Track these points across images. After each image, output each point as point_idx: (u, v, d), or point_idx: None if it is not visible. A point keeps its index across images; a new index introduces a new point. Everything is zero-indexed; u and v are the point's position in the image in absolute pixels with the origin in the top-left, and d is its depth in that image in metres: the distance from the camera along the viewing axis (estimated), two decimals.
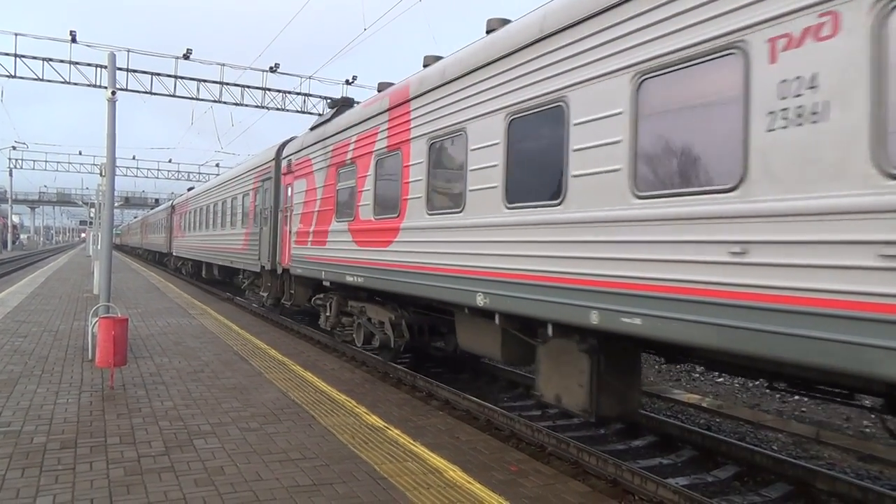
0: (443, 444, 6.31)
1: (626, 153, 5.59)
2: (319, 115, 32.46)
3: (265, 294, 17.78)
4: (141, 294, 21.46)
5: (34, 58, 28.13)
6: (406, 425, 6.93)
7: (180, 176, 73.56)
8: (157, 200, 77.03)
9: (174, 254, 36.33)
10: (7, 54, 27.62)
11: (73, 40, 27.05)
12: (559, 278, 6.34)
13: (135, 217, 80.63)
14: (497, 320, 7.49)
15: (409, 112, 9.49)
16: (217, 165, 65.31)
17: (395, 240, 9.64)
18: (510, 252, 7.05)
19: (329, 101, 14.64)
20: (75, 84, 28.57)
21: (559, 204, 6.39)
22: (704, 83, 4.99)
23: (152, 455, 5.64)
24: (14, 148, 65.04)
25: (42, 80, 28.32)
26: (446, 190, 8.55)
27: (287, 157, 15.62)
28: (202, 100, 31.24)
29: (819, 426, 8.75)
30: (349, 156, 11.54)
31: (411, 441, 6.36)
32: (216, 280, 28.41)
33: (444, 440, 6.47)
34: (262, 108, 32.45)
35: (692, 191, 5.03)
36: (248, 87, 31.78)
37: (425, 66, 9.74)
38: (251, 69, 32.04)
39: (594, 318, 5.84)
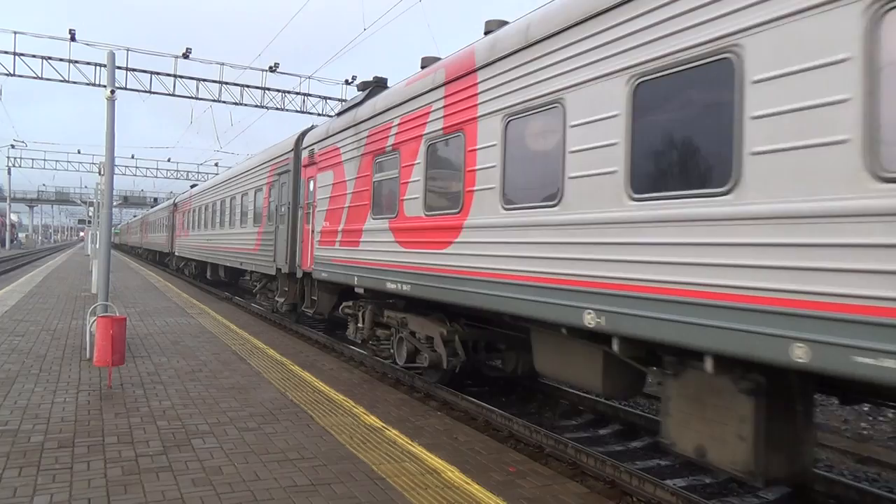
0: (441, 445, 6.31)
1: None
2: (319, 115, 32.66)
3: (281, 300, 15.88)
4: (139, 293, 21.44)
5: (33, 56, 28.15)
6: (404, 425, 6.92)
7: (179, 175, 73.63)
8: (155, 200, 76.97)
9: (176, 254, 34.91)
10: (6, 52, 27.63)
11: (73, 39, 27.05)
12: (736, 296, 4.53)
13: (134, 216, 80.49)
14: (615, 346, 5.78)
15: (475, 85, 7.81)
16: (216, 165, 65.34)
17: (456, 240, 8.07)
18: (638, 258, 5.36)
19: (359, 84, 12.80)
20: (74, 83, 28.61)
21: (728, 193, 4.66)
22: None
23: (150, 454, 5.64)
24: (13, 146, 65.13)
25: (41, 78, 28.33)
26: (530, 179, 6.90)
27: (309, 146, 13.81)
28: (201, 99, 31.26)
29: (817, 428, 8.76)
30: (391, 142, 9.92)
31: (409, 441, 6.35)
32: (221, 281, 27.56)
33: (442, 441, 6.47)
34: (262, 107, 32.47)
35: None
36: (248, 86, 31.79)
37: (487, 32, 8.30)
38: (251, 69, 32.08)
39: (798, 354, 4.12)
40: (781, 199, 4.26)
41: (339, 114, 12.74)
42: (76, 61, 28.38)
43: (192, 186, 36.00)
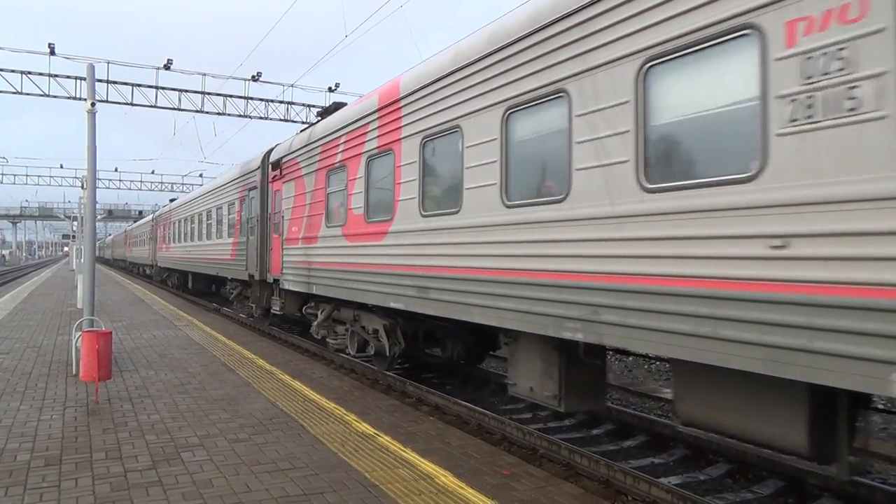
0: (434, 450, 6.26)
1: None
2: (303, 122, 32.54)
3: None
4: (125, 307, 21.24)
5: (12, 71, 27.86)
6: (396, 431, 6.88)
7: (163, 187, 73.09)
8: (140, 212, 76.45)
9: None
10: None
11: (52, 52, 26.77)
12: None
13: (121, 230, 79.94)
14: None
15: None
16: (201, 175, 64.94)
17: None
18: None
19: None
20: (54, 97, 28.27)
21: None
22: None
23: (139, 469, 5.56)
24: None
25: (21, 93, 28.02)
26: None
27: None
28: (184, 110, 31.00)
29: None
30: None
31: (402, 447, 6.31)
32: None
33: (435, 445, 6.43)
34: (245, 117, 32.29)
35: None
36: (231, 96, 31.63)
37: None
38: (233, 78, 31.83)
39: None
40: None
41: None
42: (56, 75, 28.10)
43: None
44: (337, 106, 13.80)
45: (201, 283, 28.26)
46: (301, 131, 14.35)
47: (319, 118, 13.86)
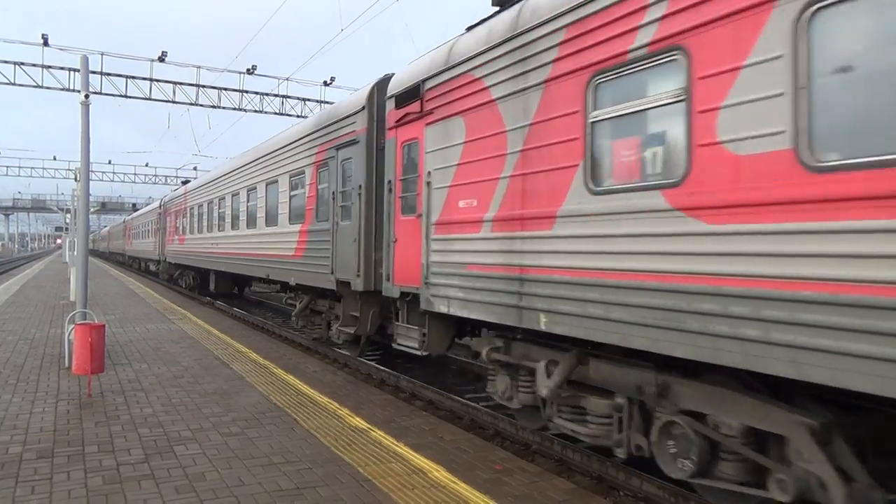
0: (427, 445, 6.28)
1: None
2: (298, 116, 32.43)
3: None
4: (119, 300, 21.17)
5: (5, 62, 27.66)
6: (390, 426, 6.89)
7: (157, 180, 72.77)
8: (134, 205, 76.07)
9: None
10: None
11: (46, 44, 26.60)
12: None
13: (114, 221, 79.47)
14: None
15: None
16: (195, 168, 64.70)
17: None
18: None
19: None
20: (48, 88, 28.11)
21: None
22: None
23: (132, 463, 5.55)
24: None
25: (14, 84, 27.84)
26: None
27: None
28: (178, 102, 30.88)
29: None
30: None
31: (395, 442, 6.32)
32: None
33: (428, 440, 6.44)
34: (240, 110, 32.16)
35: None
36: (225, 89, 31.46)
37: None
38: (228, 71, 31.74)
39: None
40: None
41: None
42: (49, 66, 27.92)
43: (185, 182, 31.62)
44: None
45: (226, 284, 23.44)
46: (471, 28, 7.87)
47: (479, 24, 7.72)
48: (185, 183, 31.63)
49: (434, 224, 8.01)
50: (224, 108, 31.76)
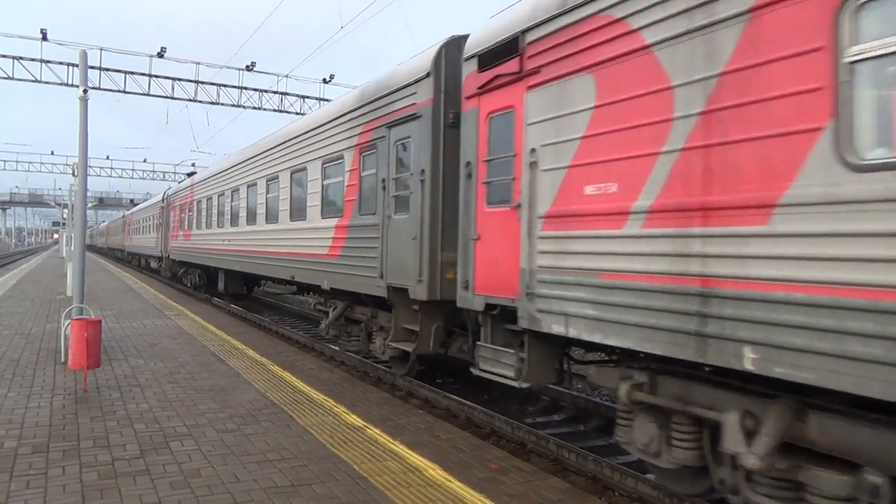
0: (423, 443, 6.28)
1: None
2: (297, 113, 32.36)
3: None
4: (116, 295, 21.14)
5: (4, 56, 27.61)
6: (386, 424, 6.89)
7: (155, 176, 72.74)
8: (132, 201, 75.96)
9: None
10: None
11: (44, 38, 26.55)
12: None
13: (112, 217, 79.22)
14: None
15: None
16: (193, 165, 64.63)
17: None
18: None
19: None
20: (47, 83, 28.08)
21: None
22: None
23: (127, 458, 5.55)
24: None
25: (12, 78, 27.80)
26: None
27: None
28: (177, 98, 30.85)
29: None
30: None
31: (391, 440, 6.32)
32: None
33: (423, 438, 6.44)
34: (239, 106, 32.14)
35: None
36: (224, 85, 31.45)
37: None
38: (227, 67, 31.66)
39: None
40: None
41: None
42: (48, 61, 27.89)
43: (190, 174, 30.20)
44: None
45: (236, 284, 21.63)
46: None
47: None
48: (190, 175, 30.38)
49: (542, 217, 6.22)
50: (223, 104, 31.79)
